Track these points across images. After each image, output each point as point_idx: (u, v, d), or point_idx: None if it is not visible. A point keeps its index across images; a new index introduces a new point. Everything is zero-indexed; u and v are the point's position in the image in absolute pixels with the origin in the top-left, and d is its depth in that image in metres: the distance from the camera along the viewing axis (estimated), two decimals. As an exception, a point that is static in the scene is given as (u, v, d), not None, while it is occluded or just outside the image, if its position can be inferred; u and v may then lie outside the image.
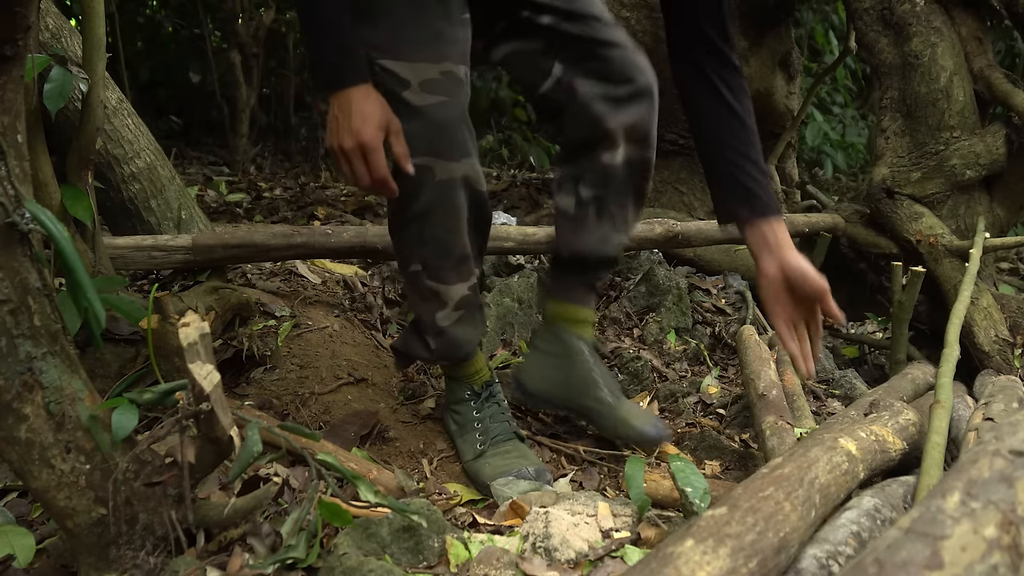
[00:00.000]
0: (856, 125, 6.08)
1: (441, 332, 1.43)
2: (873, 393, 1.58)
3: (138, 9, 5.42)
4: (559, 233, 1.56)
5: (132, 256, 1.68)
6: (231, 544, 1.00)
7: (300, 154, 5.19)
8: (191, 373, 0.89)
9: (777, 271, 1.32)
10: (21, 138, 0.90)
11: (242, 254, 1.80)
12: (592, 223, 1.50)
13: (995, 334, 2.09)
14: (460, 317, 1.42)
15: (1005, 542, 0.61)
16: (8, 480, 1.25)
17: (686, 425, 1.79)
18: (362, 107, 1.17)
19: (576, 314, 1.56)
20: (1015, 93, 2.27)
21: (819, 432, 1.11)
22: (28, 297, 0.88)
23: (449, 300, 1.39)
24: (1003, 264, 3.82)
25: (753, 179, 1.32)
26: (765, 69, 3.23)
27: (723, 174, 1.35)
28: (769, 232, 1.31)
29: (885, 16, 2.42)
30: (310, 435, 1.07)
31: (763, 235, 1.32)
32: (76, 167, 1.44)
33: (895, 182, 2.38)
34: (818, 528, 1.02)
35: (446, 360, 1.49)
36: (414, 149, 1.23)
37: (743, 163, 1.32)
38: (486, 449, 1.44)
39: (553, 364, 1.55)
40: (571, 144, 1.51)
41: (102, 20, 1.42)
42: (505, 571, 0.97)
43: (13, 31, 0.85)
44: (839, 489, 0.99)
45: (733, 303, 2.59)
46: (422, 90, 1.23)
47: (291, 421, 1.50)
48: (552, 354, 1.56)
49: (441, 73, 1.24)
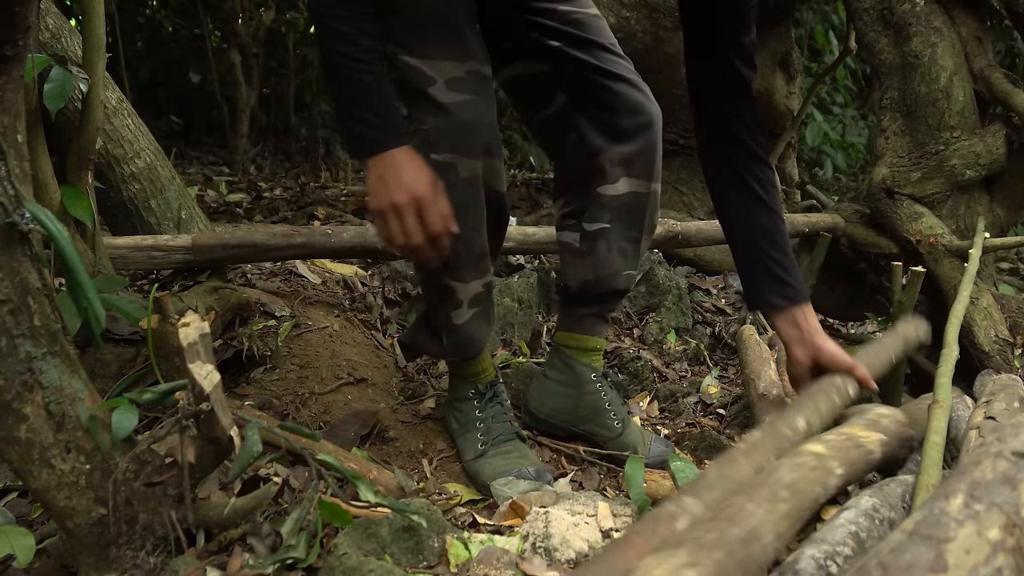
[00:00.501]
0: (856, 125, 6.08)
1: (455, 329, 1.42)
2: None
3: (138, 9, 5.42)
4: (564, 266, 1.57)
5: (132, 256, 1.68)
6: (231, 544, 1.00)
7: (300, 154, 5.19)
8: (191, 373, 0.89)
9: (807, 359, 1.34)
10: (21, 138, 0.90)
11: (242, 254, 1.80)
12: (601, 257, 1.51)
13: (995, 334, 2.09)
14: (474, 315, 1.42)
15: (1009, 544, 0.61)
16: (8, 480, 1.25)
17: (686, 425, 1.79)
18: (410, 166, 1.17)
19: (586, 343, 1.56)
20: (1015, 93, 2.27)
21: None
22: (28, 297, 0.88)
23: (465, 298, 1.39)
24: (1003, 264, 3.83)
25: (786, 270, 1.35)
26: (765, 69, 3.23)
27: (756, 264, 1.37)
28: (801, 319, 1.34)
29: (885, 16, 2.42)
30: (310, 435, 1.07)
31: (795, 322, 1.35)
32: (76, 167, 1.44)
33: (895, 182, 2.38)
34: (808, 523, 1.03)
35: (456, 356, 1.48)
36: (439, 145, 1.23)
37: (776, 255, 1.35)
38: (487, 449, 1.43)
39: (563, 392, 1.57)
40: (567, 175, 1.54)
41: (102, 20, 1.42)
42: (505, 571, 0.97)
43: (13, 31, 0.85)
44: (810, 484, 0.98)
45: (733, 303, 2.59)
46: (448, 88, 1.22)
47: (291, 421, 1.49)
48: (562, 382, 1.57)
49: (467, 72, 1.24)
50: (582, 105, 1.46)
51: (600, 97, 1.45)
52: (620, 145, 1.45)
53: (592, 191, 1.48)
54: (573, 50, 1.43)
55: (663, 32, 2.89)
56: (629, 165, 1.46)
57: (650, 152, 1.47)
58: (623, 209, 1.48)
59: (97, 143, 1.48)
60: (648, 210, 1.51)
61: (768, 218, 1.35)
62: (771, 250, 1.35)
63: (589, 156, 1.47)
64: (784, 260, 1.35)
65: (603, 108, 1.45)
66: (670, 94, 3.04)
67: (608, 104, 1.45)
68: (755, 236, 1.36)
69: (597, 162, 1.46)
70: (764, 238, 1.35)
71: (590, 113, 1.46)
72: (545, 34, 1.44)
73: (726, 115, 1.35)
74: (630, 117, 1.45)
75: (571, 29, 1.43)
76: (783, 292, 1.35)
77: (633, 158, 1.46)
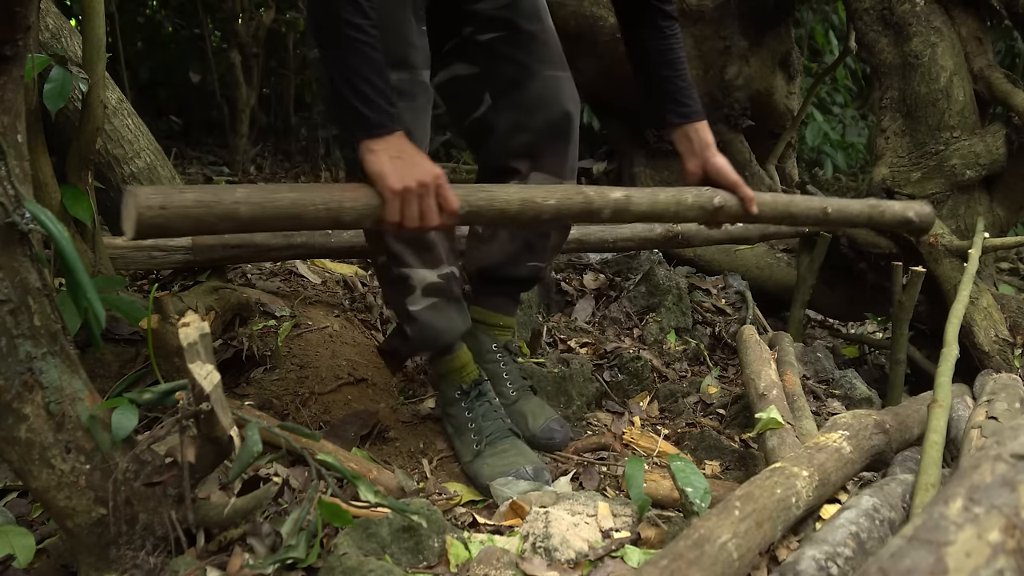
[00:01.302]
0: (856, 125, 6.07)
1: (413, 318, 1.46)
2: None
3: (138, 9, 5.41)
4: (468, 250, 1.69)
5: (132, 256, 1.68)
6: (231, 544, 1.00)
7: (300, 154, 5.18)
8: (191, 373, 0.89)
9: (698, 170, 1.50)
10: (21, 138, 0.90)
11: (242, 254, 1.80)
12: (501, 244, 1.62)
13: (995, 334, 2.09)
14: (433, 304, 1.46)
15: (1010, 546, 0.61)
16: (8, 480, 1.25)
17: (686, 425, 1.79)
18: (412, 148, 1.19)
19: (491, 319, 1.67)
20: (1015, 93, 2.27)
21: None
22: (28, 297, 0.88)
23: (416, 284, 1.44)
24: (1003, 264, 3.82)
25: (681, 91, 1.51)
26: (765, 69, 3.23)
27: (657, 88, 1.53)
28: (693, 134, 1.50)
29: (885, 16, 2.42)
30: (310, 435, 1.07)
31: (688, 137, 1.51)
32: (76, 167, 1.44)
33: (895, 182, 2.38)
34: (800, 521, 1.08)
35: (425, 348, 1.51)
36: None
37: (675, 79, 1.52)
38: (483, 449, 1.44)
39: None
40: (486, 174, 1.62)
41: (102, 20, 1.42)
42: (505, 571, 0.97)
43: (13, 31, 0.85)
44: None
45: (733, 303, 2.59)
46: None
47: (291, 421, 1.49)
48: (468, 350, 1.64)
49: (409, 80, 1.34)
50: (503, 106, 1.54)
51: (518, 98, 1.53)
52: (533, 144, 1.54)
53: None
54: (503, 46, 1.51)
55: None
56: (540, 162, 1.55)
57: (561, 149, 1.56)
58: None
59: (97, 143, 1.48)
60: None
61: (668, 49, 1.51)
62: (671, 75, 1.51)
63: (505, 156, 1.56)
64: (680, 83, 1.51)
65: (520, 108, 1.53)
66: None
67: (524, 104, 1.53)
68: (657, 64, 1.52)
69: (511, 162, 1.56)
70: (665, 65, 1.52)
71: (508, 115, 1.54)
72: (479, 28, 1.51)
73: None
74: (544, 116, 1.53)
75: (505, 13, 1.50)
76: (678, 111, 1.51)
77: (545, 155, 1.55)
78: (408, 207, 1.15)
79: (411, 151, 1.17)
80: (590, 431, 1.71)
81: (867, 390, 2.04)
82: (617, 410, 1.84)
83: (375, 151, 1.15)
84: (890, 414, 1.42)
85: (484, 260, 1.65)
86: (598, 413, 1.81)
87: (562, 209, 1.29)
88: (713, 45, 2.97)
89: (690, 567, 0.81)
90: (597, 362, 2.03)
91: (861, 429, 1.29)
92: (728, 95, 3.09)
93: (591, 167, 3.77)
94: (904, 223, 1.84)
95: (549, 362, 1.90)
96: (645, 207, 1.37)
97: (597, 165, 3.82)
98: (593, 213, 1.33)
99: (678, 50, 1.53)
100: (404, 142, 1.18)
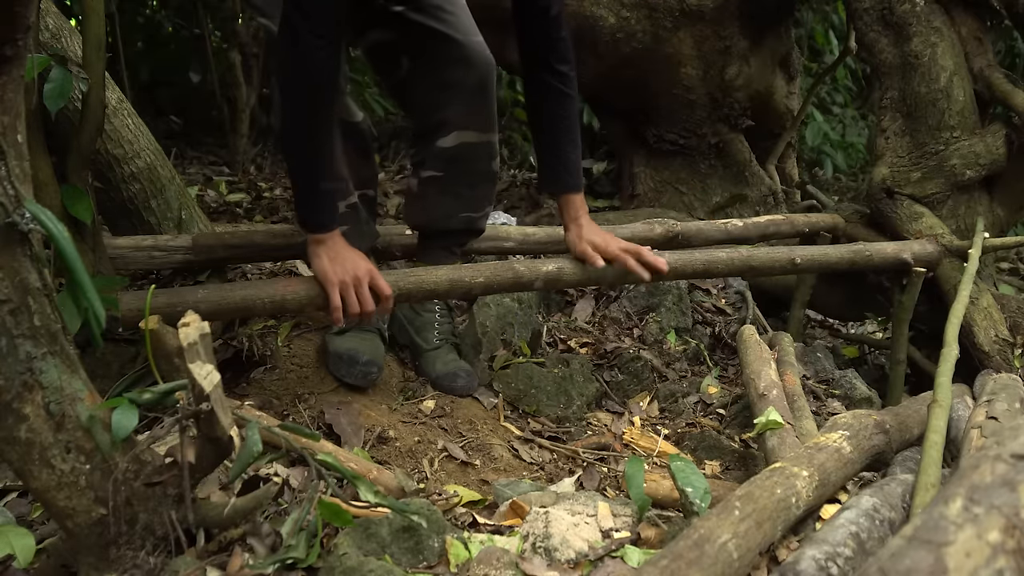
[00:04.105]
0: (856, 125, 6.07)
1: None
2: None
3: (138, 9, 5.41)
4: (405, 207, 1.84)
5: (132, 256, 1.68)
6: (231, 544, 1.00)
7: (300, 154, 5.17)
8: (191, 373, 0.89)
9: (576, 238, 1.62)
10: (21, 138, 0.90)
11: (242, 254, 1.80)
12: (433, 200, 1.74)
13: (995, 334, 2.09)
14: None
15: (1010, 546, 0.61)
16: (8, 480, 1.25)
17: (686, 425, 1.79)
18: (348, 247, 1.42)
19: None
20: (1015, 93, 2.27)
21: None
22: (28, 297, 0.88)
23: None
24: (1003, 264, 3.82)
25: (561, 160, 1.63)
26: (765, 69, 3.23)
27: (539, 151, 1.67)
28: (566, 204, 1.64)
29: (885, 16, 2.42)
30: (310, 435, 1.07)
31: (561, 206, 1.65)
32: (76, 167, 1.44)
33: (895, 182, 2.38)
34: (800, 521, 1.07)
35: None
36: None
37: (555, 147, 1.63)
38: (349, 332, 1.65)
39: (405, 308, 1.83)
40: (416, 131, 1.74)
41: (102, 20, 1.42)
42: (505, 571, 0.97)
43: (13, 31, 0.85)
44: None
45: (733, 303, 2.59)
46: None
47: (291, 421, 1.49)
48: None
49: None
50: (422, 69, 1.65)
51: (435, 57, 1.63)
52: (453, 101, 1.64)
53: (431, 144, 1.69)
54: (414, 14, 1.61)
55: (663, 32, 2.89)
56: (461, 118, 1.66)
57: (480, 104, 1.66)
58: (457, 159, 1.69)
59: (97, 143, 1.47)
60: (484, 158, 1.71)
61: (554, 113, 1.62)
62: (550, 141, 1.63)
63: (429, 113, 1.68)
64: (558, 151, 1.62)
65: (437, 67, 1.64)
66: (670, 94, 3.04)
67: (441, 64, 1.63)
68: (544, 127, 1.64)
69: (435, 118, 1.67)
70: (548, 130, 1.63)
71: (428, 75, 1.65)
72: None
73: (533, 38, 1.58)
74: (459, 77, 1.63)
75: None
76: (549, 178, 1.66)
77: (465, 111, 1.65)
78: (348, 296, 1.38)
79: (346, 249, 1.42)
80: (590, 431, 1.71)
81: (867, 390, 2.04)
82: (617, 410, 1.84)
83: (319, 254, 1.41)
84: (890, 414, 1.42)
85: (418, 217, 1.79)
86: (598, 413, 1.81)
87: (492, 284, 1.56)
88: (713, 45, 2.97)
89: (690, 567, 0.81)
90: (597, 362, 2.03)
91: (861, 429, 1.29)
92: (728, 95, 3.09)
93: (591, 167, 3.77)
94: (898, 265, 1.83)
95: (549, 362, 1.90)
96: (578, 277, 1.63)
97: (597, 165, 3.82)
98: (524, 285, 1.60)
99: (564, 115, 1.62)
100: (339, 241, 1.42)
